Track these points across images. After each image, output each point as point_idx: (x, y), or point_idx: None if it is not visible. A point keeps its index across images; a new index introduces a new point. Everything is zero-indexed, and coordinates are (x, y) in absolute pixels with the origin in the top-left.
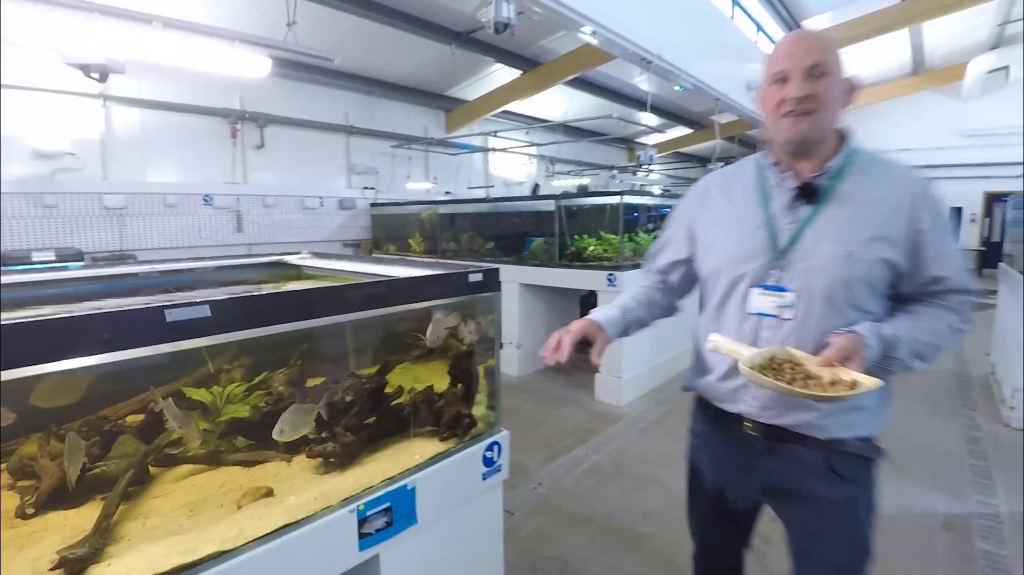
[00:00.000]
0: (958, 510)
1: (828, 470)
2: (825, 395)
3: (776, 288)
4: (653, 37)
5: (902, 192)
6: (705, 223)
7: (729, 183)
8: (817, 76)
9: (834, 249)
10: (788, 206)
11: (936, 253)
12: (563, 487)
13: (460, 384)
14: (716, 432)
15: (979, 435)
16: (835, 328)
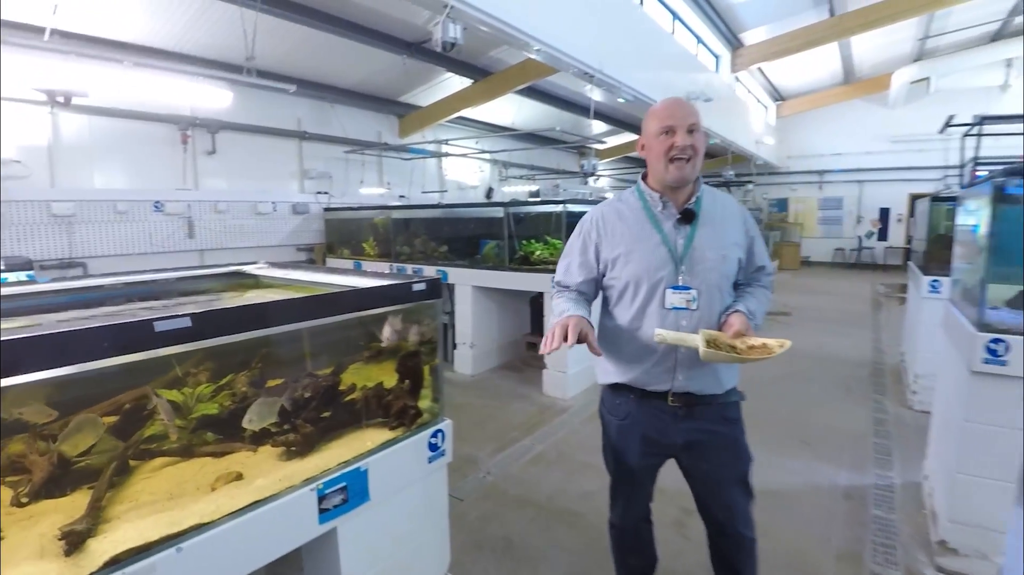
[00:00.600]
0: (858, 482)
1: (722, 418)
2: (769, 356)
3: (683, 287)
4: (595, 53)
5: (736, 211)
6: (610, 245)
7: (621, 212)
8: (693, 132)
9: (715, 254)
10: (675, 227)
11: (759, 250)
12: (510, 474)
13: (407, 380)
14: (643, 410)
15: (885, 417)
16: (720, 311)
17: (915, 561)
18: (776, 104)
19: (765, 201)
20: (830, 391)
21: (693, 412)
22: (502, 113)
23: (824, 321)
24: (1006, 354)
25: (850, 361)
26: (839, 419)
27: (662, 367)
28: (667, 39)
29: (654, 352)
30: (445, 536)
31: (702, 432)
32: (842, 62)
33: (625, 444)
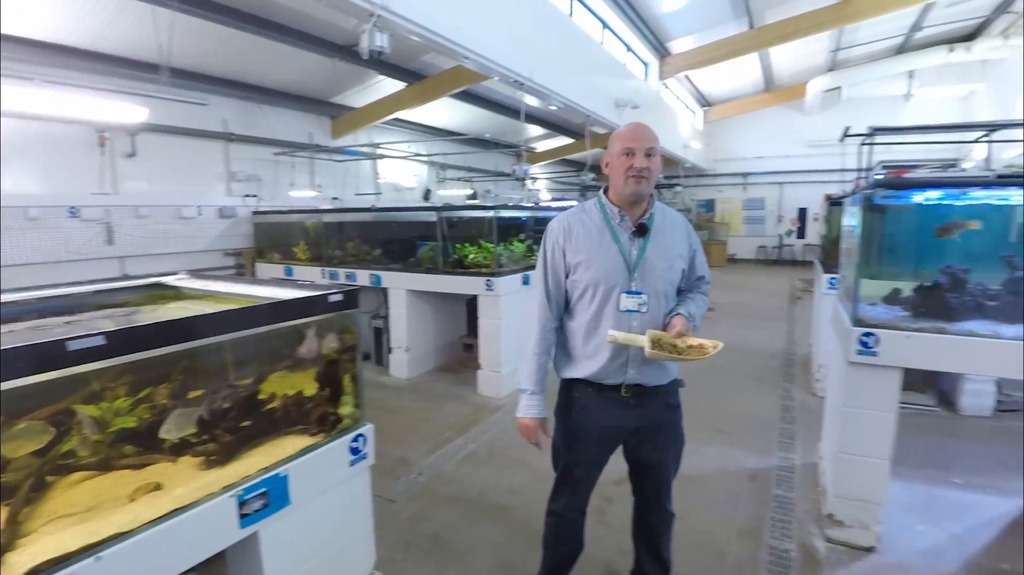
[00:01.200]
0: (763, 465)
1: (667, 405)
2: (704, 356)
3: (635, 292)
4: (525, 61)
5: (682, 226)
6: (574, 250)
7: (584, 222)
8: (650, 155)
9: (663, 264)
10: (630, 239)
11: (700, 262)
12: (442, 474)
13: (327, 388)
14: (599, 402)
15: (792, 404)
16: (665, 313)
17: (808, 534)
18: (703, 110)
19: (694, 202)
20: (745, 381)
21: (642, 401)
22: (439, 115)
23: (745, 315)
24: (876, 346)
25: (765, 352)
26: (751, 407)
27: (616, 363)
28: (596, 48)
29: (609, 349)
30: (370, 535)
31: (649, 418)
32: (762, 71)
33: (583, 433)
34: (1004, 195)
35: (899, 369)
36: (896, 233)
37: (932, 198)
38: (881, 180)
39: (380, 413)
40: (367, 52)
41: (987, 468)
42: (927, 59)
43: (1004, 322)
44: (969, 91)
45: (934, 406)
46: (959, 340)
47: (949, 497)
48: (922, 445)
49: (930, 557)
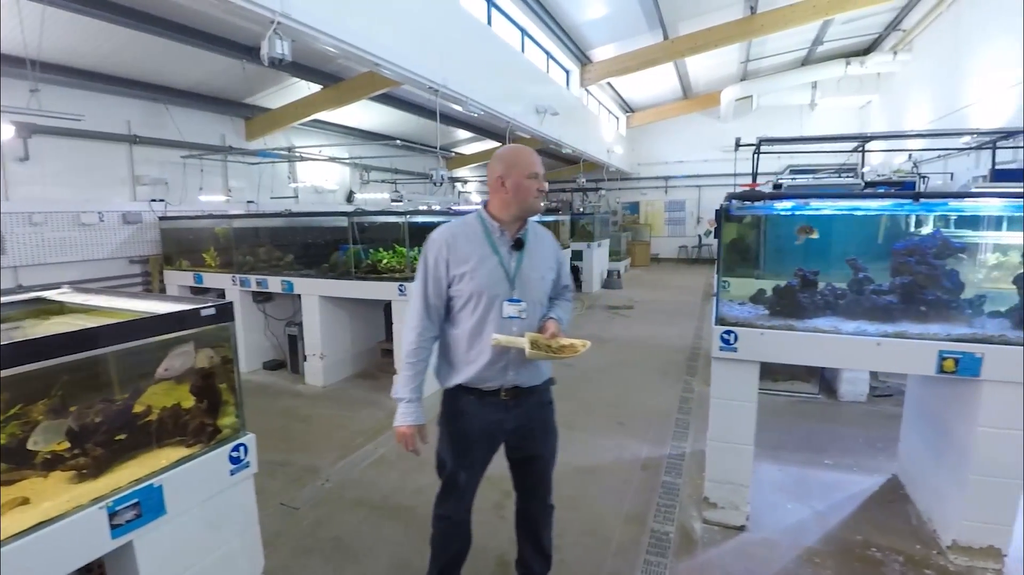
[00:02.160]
0: (656, 454)
1: (542, 403)
2: (575, 354)
3: (516, 300)
4: (439, 69)
5: (550, 244)
6: (456, 261)
7: (467, 234)
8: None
9: (536, 275)
10: (508, 252)
11: (564, 273)
12: (350, 479)
13: (204, 400)
14: (480, 406)
15: (690, 396)
16: (539, 318)
17: (689, 517)
18: (627, 116)
19: (619, 204)
20: (650, 375)
21: (519, 402)
22: (362, 117)
23: (660, 312)
24: (736, 342)
25: (673, 347)
26: (653, 400)
27: (497, 367)
28: (515, 55)
29: (490, 354)
30: (256, 542)
31: (526, 417)
32: (679, 80)
33: (467, 438)
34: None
35: (756, 363)
36: (755, 238)
37: (787, 208)
38: (735, 192)
39: (292, 422)
40: (267, 59)
41: (856, 449)
42: (827, 71)
43: (847, 319)
44: (866, 101)
45: (816, 394)
46: (804, 336)
47: (819, 477)
48: (802, 430)
49: (794, 532)
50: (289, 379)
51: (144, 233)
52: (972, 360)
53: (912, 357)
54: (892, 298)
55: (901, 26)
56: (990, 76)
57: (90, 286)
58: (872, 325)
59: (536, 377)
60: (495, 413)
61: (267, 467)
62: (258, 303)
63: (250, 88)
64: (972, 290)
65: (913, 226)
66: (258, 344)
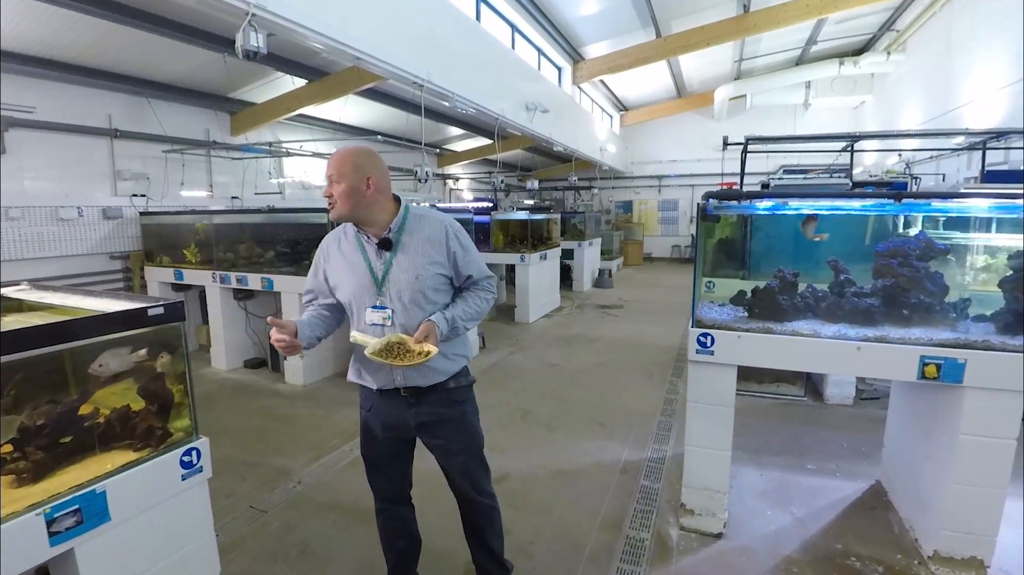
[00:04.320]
0: (636, 457)
1: (449, 401)
2: (408, 364)
3: (380, 307)
4: (423, 64)
5: (439, 231)
6: (332, 270)
7: (340, 243)
8: (334, 182)
9: (407, 276)
10: (377, 255)
11: (464, 264)
12: (322, 482)
13: (154, 402)
14: (383, 402)
15: (674, 397)
16: (422, 318)
17: (666, 523)
18: (620, 114)
19: (612, 203)
20: (635, 376)
21: (421, 399)
22: (349, 113)
23: (649, 312)
24: (712, 345)
25: (660, 347)
26: (636, 401)
27: (383, 370)
28: (506, 52)
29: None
30: (211, 549)
31: (430, 415)
32: (673, 79)
33: (372, 431)
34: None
35: (733, 367)
36: (738, 238)
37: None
38: (711, 191)
39: (269, 422)
40: (242, 52)
41: (839, 453)
42: (821, 71)
43: (828, 322)
44: (860, 101)
45: (802, 396)
46: (782, 339)
47: (800, 482)
48: (786, 433)
49: (772, 540)
50: (270, 378)
51: (125, 229)
52: (954, 366)
53: (893, 362)
54: (873, 301)
55: (895, 26)
56: (983, 77)
57: (53, 283)
58: (853, 329)
59: (435, 376)
60: (396, 408)
61: (239, 468)
62: (239, 300)
63: (235, 82)
64: (956, 293)
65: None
66: (239, 342)
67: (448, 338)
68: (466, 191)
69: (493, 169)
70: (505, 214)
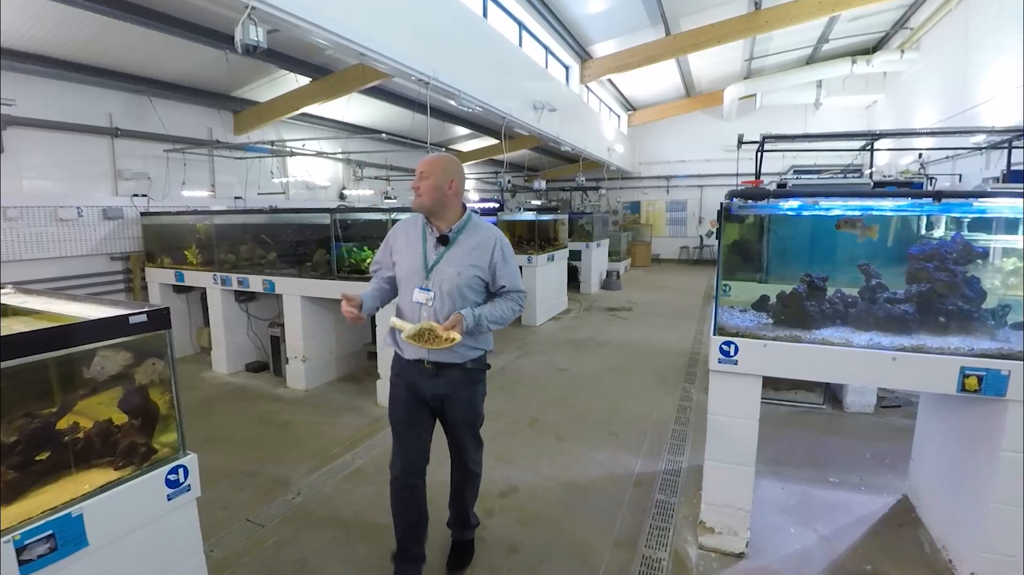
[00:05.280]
0: (650, 469)
1: (464, 380)
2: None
3: (426, 289)
4: (429, 61)
5: (489, 241)
6: (398, 249)
7: (408, 229)
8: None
9: (451, 270)
10: (435, 246)
11: (502, 274)
12: (322, 493)
13: (137, 416)
14: (409, 369)
15: (688, 404)
16: (454, 309)
17: (684, 541)
18: (628, 114)
19: (620, 204)
20: (646, 382)
21: (440, 373)
22: (355, 112)
23: (659, 315)
24: (736, 354)
25: (671, 352)
26: (649, 408)
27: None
28: (513, 50)
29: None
30: (199, 571)
31: (447, 387)
32: (682, 78)
33: (397, 392)
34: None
35: (758, 377)
36: (757, 240)
37: (793, 207)
38: (735, 190)
39: (269, 429)
40: (241, 47)
41: (863, 465)
42: (833, 70)
43: (858, 329)
44: (872, 100)
45: (821, 404)
46: (812, 348)
47: (824, 496)
48: (806, 444)
49: (797, 560)
50: (271, 382)
51: (126, 229)
52: (997, 378)
53: (931, 374)
54: (908, 307)
55: (908, 24)
56: (1002, 74)
57: (50, 285)
58: (886, 337)
59: (453, 357)
60: (418, 377)
61: (237, 478)
62: (240, 303)
63: (238, 81)
64: (993, 299)
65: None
66: (241, 345)
67: (472, 332)
68: (472, 191)
69: (499, 169)
70: (511, 215)
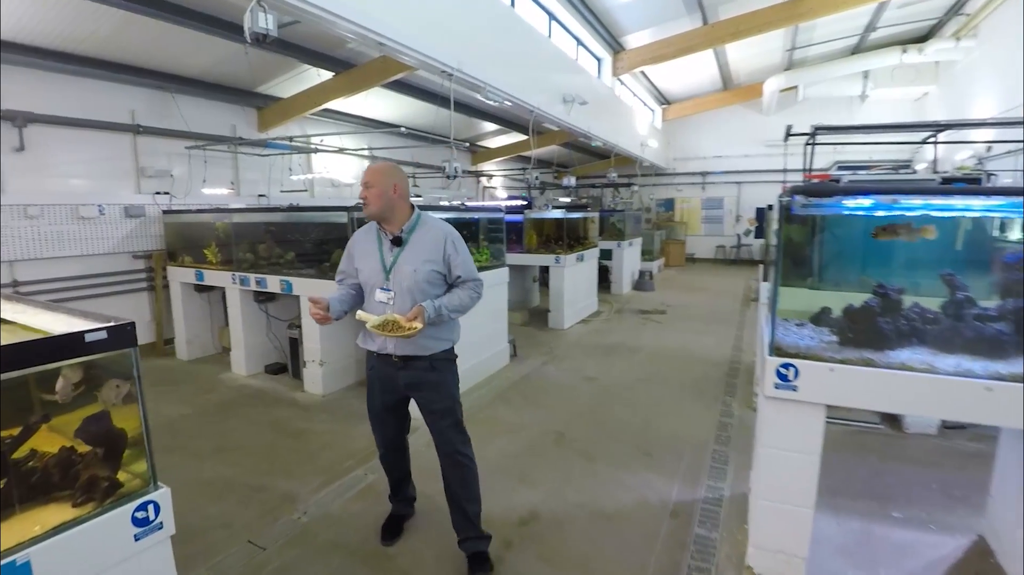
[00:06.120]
0: (688, 497)
1: (430, 368)
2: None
3: (387, 289)
4: (453, 52)
5: (440, 236)
6: (358, 256)
7: (367, 236)
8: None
9: (408, 268)
10: (389, 249)
11: (456, 264)
12: (330, 513)
13: (100, 446)
14: (379, 364)
15: (729, 421)
16: (415, 303)
17: None
18: (662, 108)
19: (652, 201)
20: (683, 394)
21: (408, 365)
22: (381, 108)
23: (693, 319)
24: (796, 379)
25: (709, 360)
26: (685, 425)
27: (380, 340)
28: (542, 41)
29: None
30: None
31: (415, 377)
32: (719, 69)
33: (371, 386)
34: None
35: (822, 406)
36: (821, 245)
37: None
38: (799, 186)
39: (281, 437)
40: (250, 35)
41: (929, 498)
42: (881, 60)
43: (942, 351)
44: (922, 92)
45: (878, 423)
46: (889, 375)
47: (887, 536)
48: (863, 470)
49: None
50: (289, 385)
51: (148, 227)
52: None
53: None
54: (1003, 326)
55: (964, 10)
56: None
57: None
58: (977, 362)
59: (418, 349)
60: (389, 369)
61: (244, 493)
62: (260, 303)
63: (261, 76)
64: None
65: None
66: (260, 346)
67: (434, 322)
68: (500, 189)
69: (527, 166)
70: (540, 212)
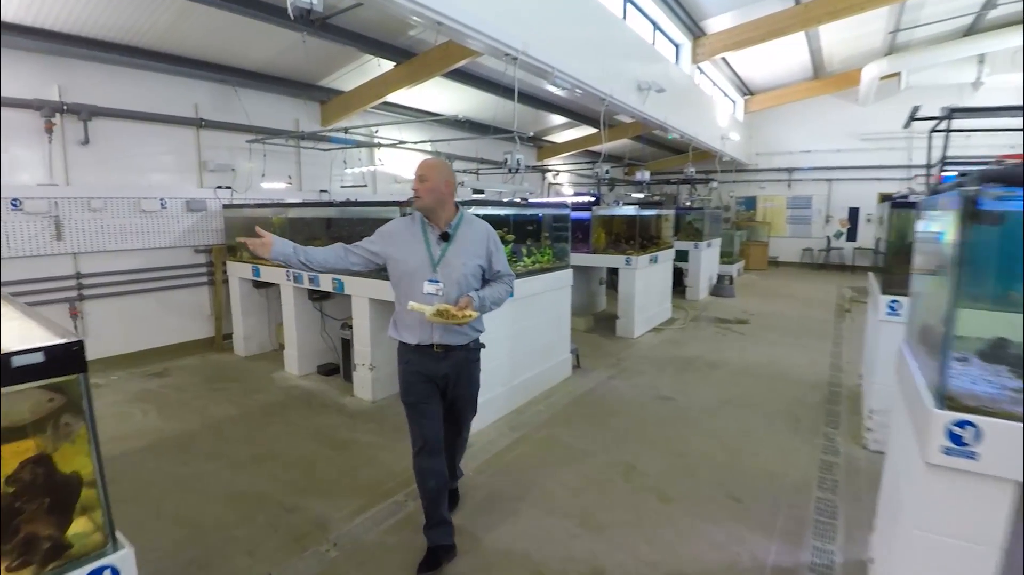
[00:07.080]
0: (789, 561)
1: (466, 359)
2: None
3: (435, 280)
4: (519, 33)
5: (483, 233)
6: (395, 249)
7: (409, 228)
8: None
9: (457, 262)
10: (436, 242)
11: (496, 260)
12: (361, 547)
13: (44, 496)
14: (419, 355)
15: (834, 460)
16: (460, 294)
17: None
18: (744, 99)
19: (732, 199)
20: (776, 423)
21: (448, 355)
22: (442, 101)
23: (782, 331)
24: (976, 443)
25: (804, 382)
26: (781, 463)
27: (426, 330)
28: (617, 24)
29: (418, 320)
30: None
31: (454, 367)
32: (811, 55)
33: (410, 379)
34: None
35: (1016, 483)
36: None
37: None
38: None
39: (323, 448)
40: (293, 10)
41: None
42: (1000, 42)
43: None
44: None
45: None
46: None
47: None
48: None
49: None
50: (339, 389)
51: (209, 222)
52: None
53: None
54: None
55: None
56: None
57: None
58: None
59: (460, 338)
60: (429, 360)
61: (274, 513)
62: (314, 301)
63: (323, 69)
64: None
65: None
66: (313, 346)
67: (479, 311)
68: (566, 185)
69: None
70: (609, 209)
